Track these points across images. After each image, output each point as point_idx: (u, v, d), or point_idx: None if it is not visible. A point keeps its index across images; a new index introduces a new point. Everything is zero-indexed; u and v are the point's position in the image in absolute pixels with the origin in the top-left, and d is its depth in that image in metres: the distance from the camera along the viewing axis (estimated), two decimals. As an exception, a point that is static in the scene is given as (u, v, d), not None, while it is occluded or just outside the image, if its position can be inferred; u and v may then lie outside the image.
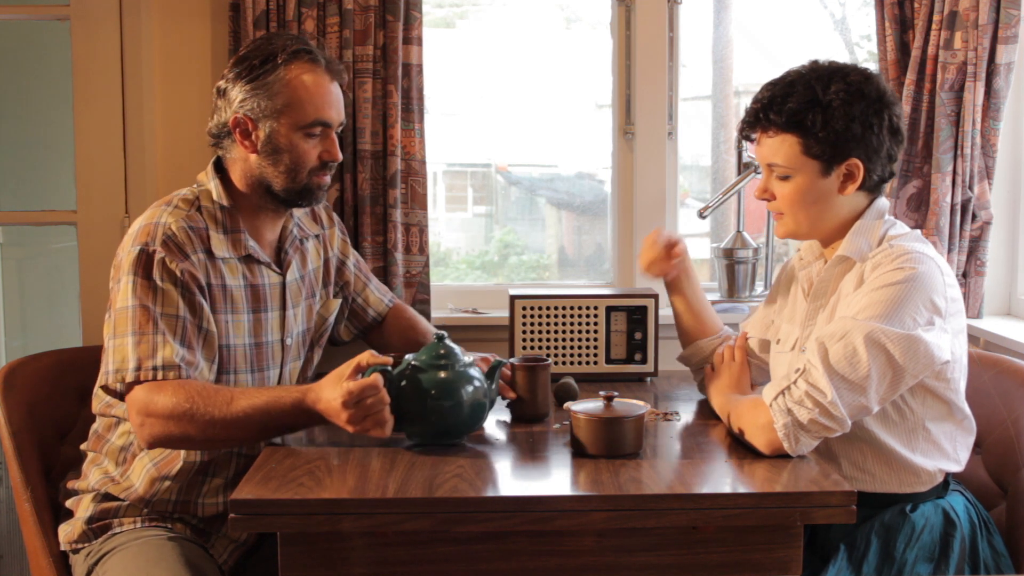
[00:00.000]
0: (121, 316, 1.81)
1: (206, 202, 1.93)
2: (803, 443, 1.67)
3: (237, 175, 1.95)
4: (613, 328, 2.33)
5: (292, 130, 1.90)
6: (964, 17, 2.38)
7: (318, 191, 1.97)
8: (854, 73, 1.80)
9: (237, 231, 1.94)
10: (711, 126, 2.93)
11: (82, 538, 1.92)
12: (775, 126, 1.81)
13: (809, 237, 1.90)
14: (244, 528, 1.52)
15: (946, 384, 1.79)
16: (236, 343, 1.93)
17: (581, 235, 3.02)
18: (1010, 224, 2.63)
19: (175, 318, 1.81)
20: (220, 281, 1.90)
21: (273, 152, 1.91)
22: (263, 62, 1.89)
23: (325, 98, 1.93)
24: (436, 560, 1.56)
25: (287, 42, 1.93)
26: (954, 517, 1.79)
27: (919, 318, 1.68)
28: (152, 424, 1.76)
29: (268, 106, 1.89)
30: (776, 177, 1.84)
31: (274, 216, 2.01)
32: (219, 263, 1.90)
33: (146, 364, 1.77)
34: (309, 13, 2.40)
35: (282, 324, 2.01)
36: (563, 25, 2.99)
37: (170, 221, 1.86)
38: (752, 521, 1.53)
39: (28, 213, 3.10)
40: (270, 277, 1.99)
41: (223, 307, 1.90)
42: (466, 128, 2.98)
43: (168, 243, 1.83)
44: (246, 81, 1.89)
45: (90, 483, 1.95)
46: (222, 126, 1.93)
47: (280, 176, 1.92)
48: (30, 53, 3.45)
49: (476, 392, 1.75)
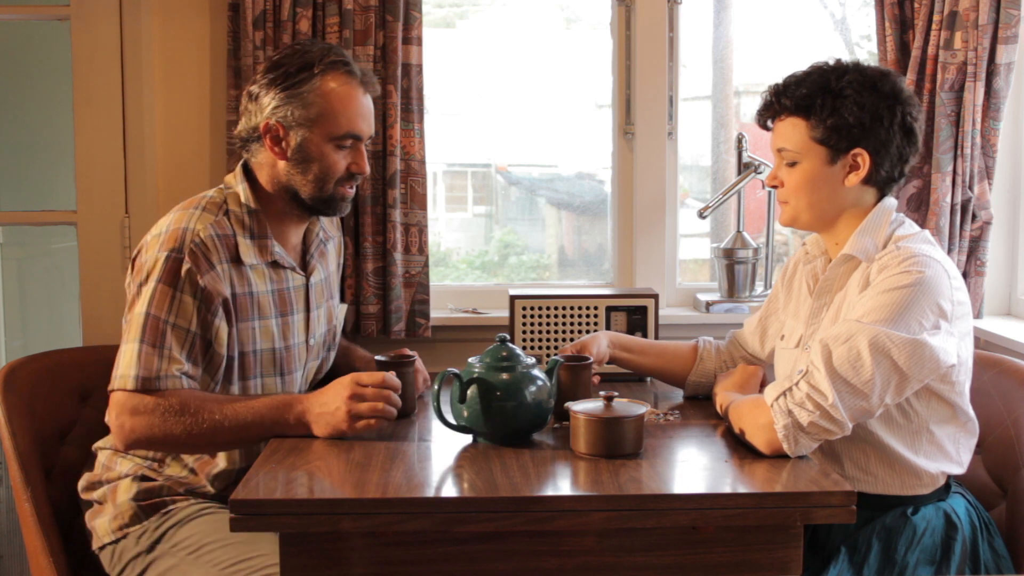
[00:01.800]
0: (136, 322, 1.82)
1: (234, 206, 1.94)
2: (803, 444, 1.66)
3: (264, 179, 1.96)
4: (613, 328, 2.33)
5: (324, 140, 1.91)
6: (964, 17, 2.38)
7: (342, 202, 1.98)
8: (872, 69, 1.83)
9: (264, 236, 1.94)
10: (711, 126, 2.93)
11: (134, 519, 1.90)
12: (786, 110, 1.84)
13: (810, 227, 1.90)
14: (244, 528, 1.52)
15: (951, 387, 1.78)
16: (264, 347, 1.94)
17: (581, 235, 3.02)
18: (1010, 224, 2.63)
19: (186, 332, 1.82)
20: (246, 288, 1.91)
21: (303, 160, 1.92)
22: (299, 70, 1.89)
23: (358, 111, 1.94)
24: (436, 560, 1.56)
25: (324, 52, 1.92)
26: (955, 520, 1.79)
27: (925, 322, 1.67)
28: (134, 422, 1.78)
29: (301, 115, 1.89)
30: (785, 164, 1.86)
31: (298, 221, 2.02)
32: (246, 270, 1.91)
33: (144, 375, 1.79)
34: (306, 13, 2.40)
35: (307, 326, 2.03)
36: (563, 25, 2.99)
37: (199, 228, 1.86)
38: (752, 521, 1.53)
39: (28, 213, 3.10)
40: (294, 280, 2.01)
41: (250, 314, 1.91)
42: (466, 128, 2.98)
43: (196, 252, 1.84)
44: (280, 88, 1.89)
45: (122, 471, 1.94)
46: (252, 130, 1.93)
47: (308, 184, 1.93)
48: (30, 53, 3.45)
49: (539, 392, 1.77)
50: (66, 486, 2.08)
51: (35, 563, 1.97)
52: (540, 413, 1.78)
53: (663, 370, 2.17)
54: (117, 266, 2.53)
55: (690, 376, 2.14)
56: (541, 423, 1.79)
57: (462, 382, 1.76)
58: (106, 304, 2.53)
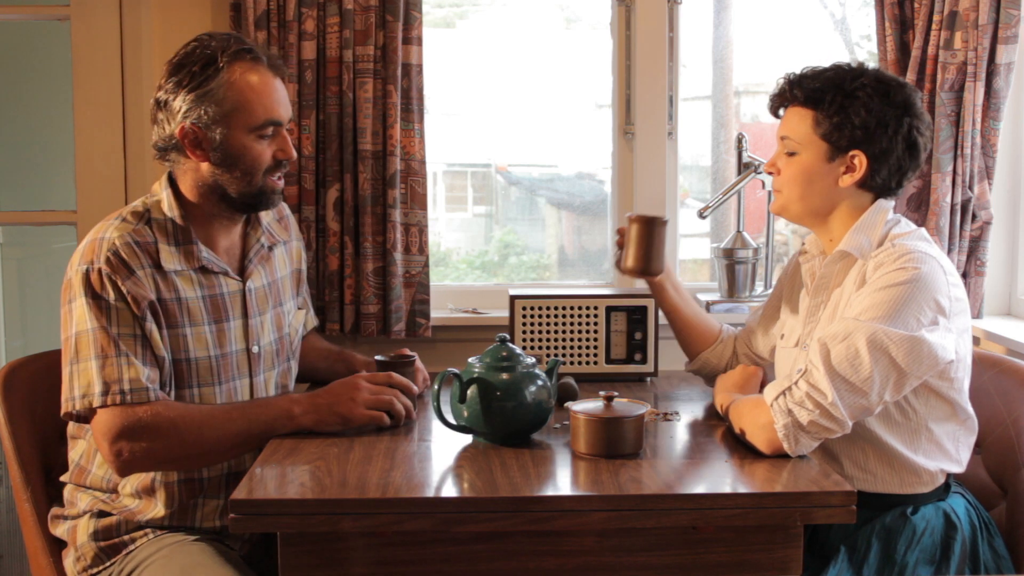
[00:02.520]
0: (82, 339, 1.77)
1: (157, 214, 1.87)
2: (803, 444, 1.66)
3: (188, 186, 1.90)
4: (613, 328, 2.33)
5: (244, 133, 1.85)
6: (964, 17, 2.38)
7: (273, 194, 1.92)
8: (890, 78, 1.84)
9: (189, 243, 1.88)
10: (711, 126, 2.93)
11: (96, 561, 1.87)
12: (796, 100, 1.85)
13: (798, 219, 1.91)
14: (244, 528, 1.52)
15: (949, 384, 1.78)
16: (199, 355, 1.87)
17: (581, 235, 3.02)
18: (1010, 224, 2.63)
19: (133, 337, 1.78)
20: (174, 294, 1.85)
21: (226, 158, 1.85)
22: (203, 67, 1.82)
23: (273, 96, 1.87)
24: (436, 560, 1.56)
25: (224, 43, 1.85)
26: (955, 519, 1.79)
27: (923, 319, 1.68)
28: (131, 447, 1.74)
29: (216, 112, 1.82)
30: (785, 152, 1.87)
31: (229, 223, 1.95)
32: (171, 276, 1.85)
33: (113, 388, 1.74)
34: (309, 13, 2.40)
35: (246, 333, 1.96)
36: (563, 25, 2.99)
37: (114, 236, 1.80)
38: (752, 521, 1.53)
39: (28, 213, 3.10)
40: (229, 285, 1.94)
41: (180, 320, 1.85)
42: (466, 128, 2.98)
43: (111, 260, 1.78)
44: (188, 89, 1.82)
45: (80, 508, 1.91)
46: (168, 138, 1.86)
47: (235, 181, 1.87)
48: (30, 53, 3.45)
49: (539, 392, 1.77)
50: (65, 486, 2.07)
51: (35, 563, 1.97)
52: (540, 413, 1.78)
53: (688, 328, 2.17)
54: (117, 266, 2.53)
55: (704, 352, 2.15)
56: (541, 423, 1.79)
57: (462, 382, 1.76)
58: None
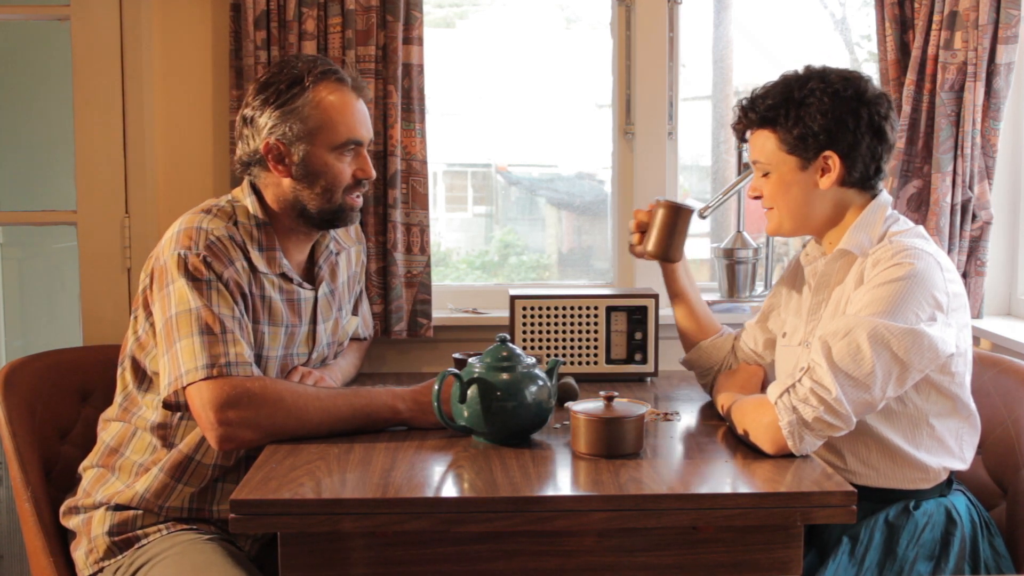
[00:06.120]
0: (183, 319, 1.79)
1: (242, 218, 1.94)
2: (807, 442, 1.67)
3: (270, 198, 1.96)
4: (613, 328, 2.33)
5: (326, 151, 1.91)
6: (964, 17, 2.38)
7: (351, 211, 1.98)
8: (835, 74, 1.84)
9: (272, 249, 1.95)
10: (711, 126, 2.93)
11: (108, 553, 1.88)
12: (754, 124, 1.88)
13: (795, 233, 1.92)
14: (244, 528, 1.52)
15: (951, 378, 1.79)
16: (271, 354, 1.94)
17: (581, 235, 3.02)
18: (1010, 224, 2.63)
19: (233, 318, 1.82)
20: (261, 292, 1.92)
21: (308, 174, 1.92)
22: (290, 86, 1.90)
23: (355, 116, 1.94)
24: (436, 560, 1.56)
25: (311, 64, 1.93)
26: (956, 516, 1.80)
27: (921, 313, 1.69)
28: (239, 414, 1.73)
29: (300, 129, 1.89)
30: (761, 175, 1.89)
31: (305, 238, 2.02)
32: (259, 275, 1.92)
33: (220, 360, 1.76)
34: (310, 13, 2.40)
35: (310, 338, 2.03)
36: (563, 25, 2.99)
37: (212, 227, 1.87)
38: (752, 521, 1.53)
39: (28, 213, 3.10)
40: (303, 292, 2.01)
41: (263, 317, 1.92)
42: (466, 128, 2.98)
43: (213, 247, 1.84)
44: (275, 106, 1.90)
45: (96, 499, 1.92)
46: (253, 153, 1.94)
47: (316, 198, 1.93)
48: (30, 53, 3.45)
49: (539, 392, 1.77)
50: (66, 486, 2.07)
51: (35, 563, 1.97)
52: (540, 413, 1.78)
53: (692, 315, 2.17)
54: (117, 266, 2.53)
55: (704, 341, 2.16)
56: (541, 423, 1.79)
57: (462, 382, 1.76)
58: (106, 304, 2.52)
